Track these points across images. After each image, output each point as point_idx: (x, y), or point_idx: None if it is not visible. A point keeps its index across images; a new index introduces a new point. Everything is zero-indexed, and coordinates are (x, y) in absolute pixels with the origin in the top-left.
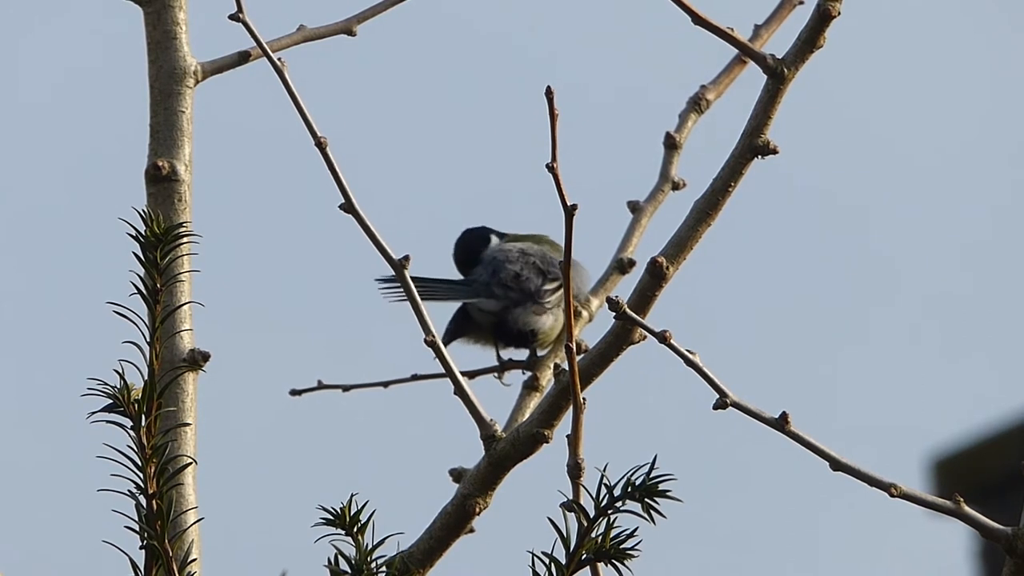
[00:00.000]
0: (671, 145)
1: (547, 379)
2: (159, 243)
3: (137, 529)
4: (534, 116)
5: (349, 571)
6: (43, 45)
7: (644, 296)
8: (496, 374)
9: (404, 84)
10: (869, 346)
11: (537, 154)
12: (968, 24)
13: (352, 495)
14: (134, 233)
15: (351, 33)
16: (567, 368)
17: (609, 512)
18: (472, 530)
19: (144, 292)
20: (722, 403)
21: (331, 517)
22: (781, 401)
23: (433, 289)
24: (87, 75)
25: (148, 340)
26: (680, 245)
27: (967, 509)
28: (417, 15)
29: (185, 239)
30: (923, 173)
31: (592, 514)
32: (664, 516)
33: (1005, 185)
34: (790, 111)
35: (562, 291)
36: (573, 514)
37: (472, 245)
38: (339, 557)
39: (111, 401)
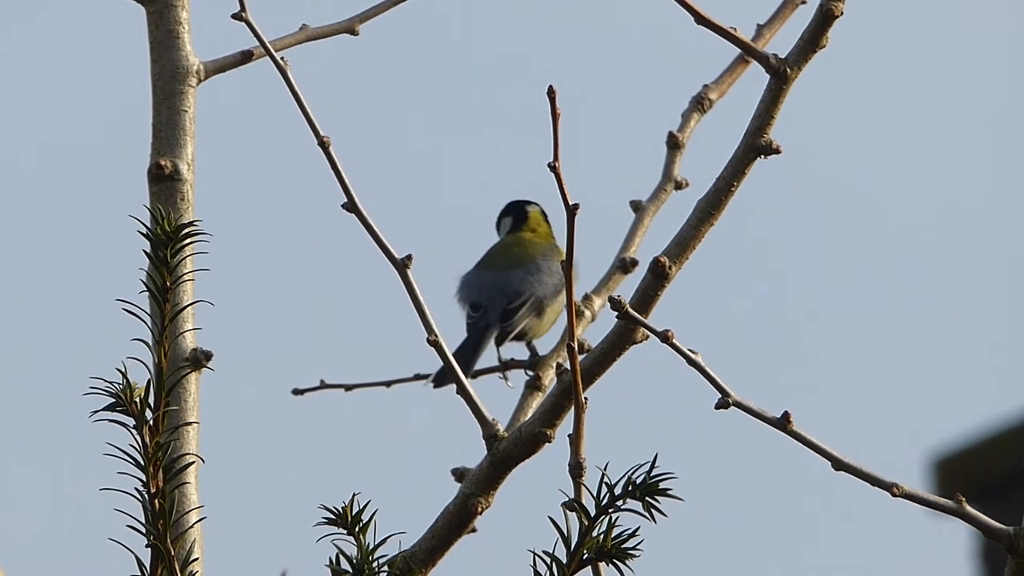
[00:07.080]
0: (674, 144)
1: (549, 379)
2: (169, 241)
3: (141, 529)
4: (536, 115)
5: (351, 571)
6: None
7: (646, 296)
8: (499, 374)
9: (407, 84)
10: (870, 345)
11: (539, 153)
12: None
13: (354, 494)
14: (145, 231)
15: (354, 32)
16: (569, 368)
17: (610, 511)
18: (474, 530)
19: (154, 290)
20: (724, 403)
21: (333, 516)
22: (782, 400)
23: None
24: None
25: (156, 339)
26: (683, 244)
27: (969, 509)
28: (420, 15)
29: (195, 238)
30: (928, 173)
31: (593, 513)
32: (665, 515)
33: (1011, 184)
34: (792, 110)
35: (530, 302)
36: (574, 513)
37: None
38: (341, 557)
39: (113, 400)
